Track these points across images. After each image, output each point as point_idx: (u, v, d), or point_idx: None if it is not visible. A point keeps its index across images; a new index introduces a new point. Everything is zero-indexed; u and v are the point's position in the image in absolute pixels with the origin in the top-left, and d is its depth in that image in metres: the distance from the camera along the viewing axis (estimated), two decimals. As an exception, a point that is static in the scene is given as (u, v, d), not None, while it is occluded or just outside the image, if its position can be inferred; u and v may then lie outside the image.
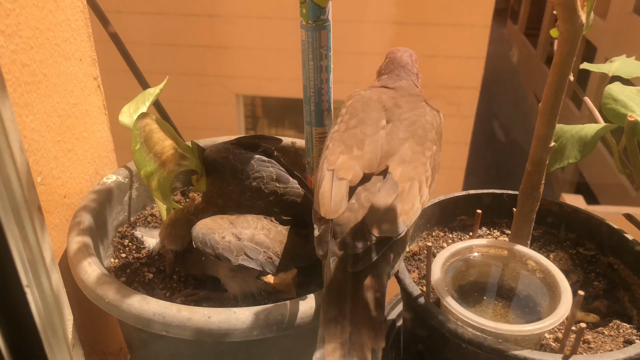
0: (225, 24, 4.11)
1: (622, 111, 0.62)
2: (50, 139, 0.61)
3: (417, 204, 0.54)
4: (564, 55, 0.53)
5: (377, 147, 0.58)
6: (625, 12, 7.07)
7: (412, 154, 0.57)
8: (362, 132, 0.59)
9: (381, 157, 0.57)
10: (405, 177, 0.55)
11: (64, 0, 0.63)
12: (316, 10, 0.61)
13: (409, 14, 3.99)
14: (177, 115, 3.75)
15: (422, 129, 0.60)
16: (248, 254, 0.56)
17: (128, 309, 0.51)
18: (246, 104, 4.92)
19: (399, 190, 0.54)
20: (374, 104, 0.63)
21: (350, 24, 3.99)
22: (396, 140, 0.58)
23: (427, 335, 0.61)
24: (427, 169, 0.57)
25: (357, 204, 0.54)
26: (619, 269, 0.68)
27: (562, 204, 0.74)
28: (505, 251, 0.63)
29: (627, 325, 0.62)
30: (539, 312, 0.60)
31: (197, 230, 0.57)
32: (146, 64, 3.51)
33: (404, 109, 0.62)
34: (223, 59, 4.28)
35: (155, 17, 4.10)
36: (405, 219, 0.53)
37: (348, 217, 0.53)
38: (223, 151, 0.62)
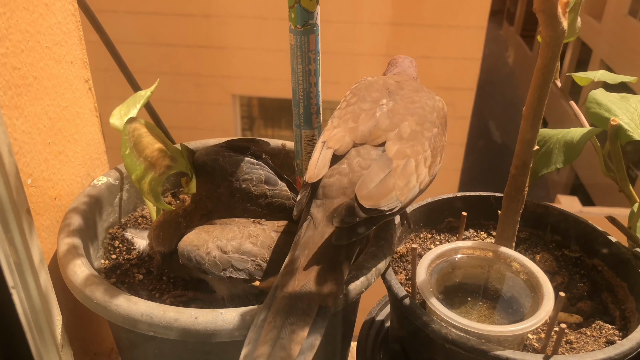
0: (221, 25, 4.12)
1: (605, 115, 0.63)
2: (41, 141, 0.62)
3: (414, 181, 0.55)
4: (546, 60, 0.54)
5: (373, 120, 0.59)
6: (620, 14, 7.10)
7: (410, 131, 0.58)
8: (359, 107, 0.61)
9: (379, 130, 0.58)
10: (400, 154, 0.56)
11: (54, 3, 0.63)
12: (304, 14, 0.62)
13: (405, 15, 4.00)
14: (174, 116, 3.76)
15: (422, 109, 0.61)
16: (235, 266, 0.56)
17: (116, 309, 0.52)
18: (242, 105, 4.92)
19: (392, 166, 0.54)
20: (378, 86, 0.64)
21: (347, 25, 4.00)
22: (396, 117, 0.59)
23: (412, 336, 0.62)
24: (425, 148, 0.57)
25: (348, 169, 0.55)
26: (603, 271, 0.69)
27: (548, 206, 0.75)
28: (490, 253, 0.64)
29: (609, 326, 0.63)
30: (522, 313, 0.61)
31: (182, 248, 0.57)
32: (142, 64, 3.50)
33: (406, 90, 0.63)
34: (219, 60, 4.28)
35: (151, 18, 4.10)
36: (399, 195, 0.53)
37: (337, 180, 0.54)
38: (213, 154, 0.63)
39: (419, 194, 0.56)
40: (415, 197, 0.55)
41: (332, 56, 4.15)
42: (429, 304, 0.57)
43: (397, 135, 0.57)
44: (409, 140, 0.57)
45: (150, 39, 4.16)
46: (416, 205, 0.75)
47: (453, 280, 0.65)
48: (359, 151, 0.56)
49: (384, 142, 0.56)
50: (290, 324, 0.46)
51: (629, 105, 0.64)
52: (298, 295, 0.48)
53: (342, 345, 0.68)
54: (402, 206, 0.53)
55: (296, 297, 0.47)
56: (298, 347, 0.45)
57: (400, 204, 0.53)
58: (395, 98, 0.61)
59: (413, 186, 0.54)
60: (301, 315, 0.46)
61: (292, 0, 0.62)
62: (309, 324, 0.46)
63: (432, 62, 4.07)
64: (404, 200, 0.53)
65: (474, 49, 4.14)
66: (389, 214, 0.52)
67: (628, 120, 0.62)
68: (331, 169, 0.55)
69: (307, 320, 0.46)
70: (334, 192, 0.53)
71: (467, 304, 0.64)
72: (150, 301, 0.53)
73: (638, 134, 0.61)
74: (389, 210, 0.52)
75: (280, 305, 0.47)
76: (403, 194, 0.53)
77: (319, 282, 0.48)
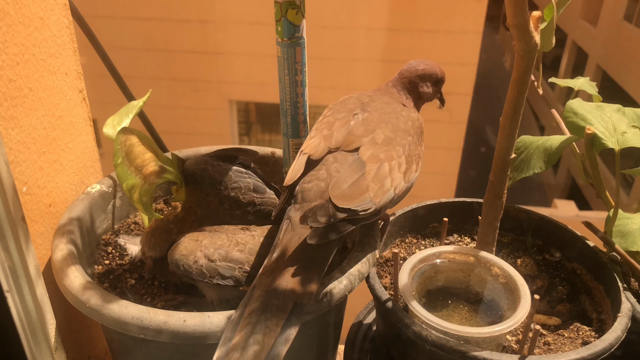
0: (218, 30, 4.15)
1: (581, 124, 0.66)
2: (36, 151, 0.64)
3: (388, 185, 0.57)
4: (521, 73, 0.56)
5: (347, 127, 0.61)
6: (615, 19, 7.15)
7: (384, 138, 0.60)
8: (334, 117, 0.63)
9: (353, 136, 0.60)
10: (374, 157, 0.58)
11: (49, 17, 0.65)
12: (291, 28, 0.64)
13: (401, 21, 4.03)
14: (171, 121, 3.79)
15: (396, 119, 0.63)
16: (222, 274, 0.58)
17: (108, 313, 0.54)
18: (240, 110, 4.94)
19: (365, 169, 0.57)
20: (352, 100, 0.67)
21: (343, 30, 4.03)
22: (370, 125, 0.61)
23: (395, 338, 0.64)
24: (399, 154, 0.59)
25: (326, 173, 0.57)
26: (582, 274, 0.72)
27: (529, 212, 0.77)
28: (471, 257, 0.66)
29: (586, 327, 0.65)
30: (501, 315, 0.63)
31: (172, 256, 0.60)
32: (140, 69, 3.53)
33: (378, 102, 0.65)
34: (216, 65, 4.31)
35: (149, 23, 4.13)
36: (372, 197, 0.55)
37: (315, 184, 0.56)
38: (202, 163, 0.65)
39: (396, 199, 0.58)
40: (391, 201, 0.57)
41: (329, 61, 4.18)
42: (410, 307, 0.59)
43: (371, 140, 0.59)
44: (383, 145, 0.59)
45: (147, 45, 4.19)
46: (401, 211, 0.77)
47: (435, 284, 0.68)
48: (336, 157, 0.58)
49: (358, 147, 0.59)
50: (264, 320, 0.48)
51: (604, 114, 0.66)
52: (273, 293, 0.50)
53: (329, 347, 0.70)
54: (376, 208, 0.55)
55: (272, 295, 0.50)
56: (271, 341, 0.47)
57: (374, 206, 0.55)
58: (368, 109, 0.64)
59: (387, 189, 0.56)
60: (276, 312, 0.48)
61: (279, 14, 0.64)
62: (283, 320, 0.48)
63: (428, 67, 4.09)
64: (378, 202, 0.55)
65: (470, 54, 4.17)
66: (362, 215, 0.54)
67: (603, 129, 0.64)
68: (310, 174, 0.58)
69: (282, 317, 0.48)
70: (312, 196, 0.56)
71: (448, 306, 0.66)
72: (140, 305, 0.55)
73: (612, 142, 0.63)
74: (362, 211, 0.54)
75: (256, 303, 0.49)
76: (377, 196, 0.55)
77: (294, 280, 0.51)
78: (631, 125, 0.65)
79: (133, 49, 4.16)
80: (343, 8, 3.94)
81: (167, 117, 4.35)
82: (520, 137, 0.76)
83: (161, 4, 4.05)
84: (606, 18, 7.40)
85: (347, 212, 0.53)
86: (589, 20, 7.87)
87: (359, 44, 4.10)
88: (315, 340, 0.66)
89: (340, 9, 3.94)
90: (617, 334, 0.57)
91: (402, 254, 0.76)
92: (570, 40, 8.61)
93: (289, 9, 0.63)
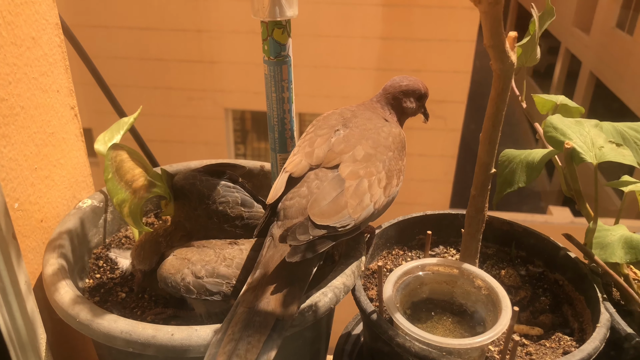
0: (213, 39, 4.17)
1: (560, 139, 0.67)
2: (28, 167, 0.65)
3: (367, 200, 0.58)
4: (499, 90, 0.58)
5: (328, 144, 0.63)
6: (608, 27, 7.21)
7: (364, 154, 0.61)
8: (316, 134, 0.65)
9: (333, 153, 0.62)
10: (353, 174, 0.59)
11: (41, 37, 0.67)
12: (277, 47, 0.66)
13: (396, 30, 4.07)
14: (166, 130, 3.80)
15: (377, 135, 0.64)
16: (209, 289, 0.60)
17: (97, 327, 0.55)
18: (235, 118, 4.96)
19: (345, 186, 0.58)
20: (335, 116, 0.68)
21: (338, 39, 4.06)
22: (351, 141, 0.63)
23: (380, 349, 0.65)
24: (379, 170, 0.61)
25: (307, 191, 0.59)
26: (564, 285, 0.73)
27: (513, 224, 0.79)
28: (455, 270, 0.68)
29: (567, 337, 0.67)
30: (484, 327, 0.64)
31: (160, 273, 0.61)
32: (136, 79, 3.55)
33: (360, 118, 0.67)
34: (212, 74, 4.33)
35: (144, 33, 4.15)
36: (352, 213, 0.57)
37: (297, 202, 0.58)
38: (190, 178, 0.67)
39: (376, 213, 0.60)
40: (372, 215, 0.59)
41: (324, 70, 4.21)
42: (393, 318, 0.60)
43: (351, 157, 0.61)
44: (363, 161, 0.60)
45: (143, 54, 4.21)
46: (387, 224, 0.78)
47: (420, 295, 0.69)
48: (317, 174, 0.60)
49: (338, 164, 0.60)
50: (247, 337, 0.49)
51: (583, 129, 0.68)
52: (256, 310, 0.51)
53: (317, 358, 0.71)
54: (355, 224, 0.57)
55: (254, 312, 0.51)
56: (254, 357, 0.48)
57: (353, 222, 0.56)
58: (350, 125, 0.65)
59: (367, 205, 0.58)
60: (258, 328, 0.50)
61: (265, 34, 0.66)
62: (265, 336, 0.50)
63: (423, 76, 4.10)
64: (357, 218, 0.56)
65: (464, 62, 4.20)
66: (341, 231, 0.56)
67: (581, 144, 0.66)
68: (292, 192, 0.59)
69: (264, 333, 0.50)
70: (293, 213, 0.57)
71: (433, 318, 0.67)
72: (129, 319, 0.56)
73: (590, 157, 0.65)
74: (341, 227, 0.55)
75: (239, 319, 0.51)
76: (356, 212, 0.57)
77: (275, 297, 0.52)
78: (608, 141, 0.67)
79: (129, 59, 4.18)
80: (338, 17, 3.98)
81: (163, 126, 4.36)
82: (504, 151, 0.78)
83: (157, 13, 4.08)
84: (599, 26, 7.47)
85: (325, 229, 0.54)
86: (582, 28, 7.93)
87: (353, 53, 4.13)
88: (303, 351, 0.67)
89: (335, 17, 3.97)
90: (596, 344, 0.59)
91: (388, 265, 0.77)
92: (563, 48, 8.68)
93: (275, 28, 0.65)
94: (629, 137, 0.71)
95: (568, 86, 8.56)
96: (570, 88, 8.36)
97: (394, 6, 4.03)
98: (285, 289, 0.53)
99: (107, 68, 4.02)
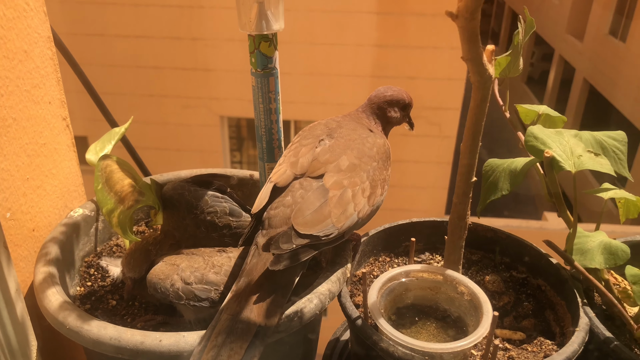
0: (208, 47, 4.20)
1: (541, 148, 0.69)
2: (20, 177, 0.67)
3: (351, 210, 0.59)
4: (478, 102, 0.60)
5: (312, 153, 0.64)
6: (601, 34, 7.28)
7: (349, 164, 0.63)
8: (301, 144, 0.66)
9: (318, 162, 0.63)
10: (337, 184, 0.61)
11: (33, 50, 0.68)
12: (264, 59, 0.68)
13: (390, 37, 4.10)
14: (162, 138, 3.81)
15: (362, 145, 0.65)
16: (198, 296, 0.61)
17: (87, 334, 0.56)
18: (231, 126, 4.98)
19: (328, 196, 0.60)
20: (320, 126, 0.70)
21: (333, 46, 4.09)
22: (336, 151, 0.64)
23: (366, 354, 0.67)
24: (363, 180, 0.62)
25: (292, 200, 0.60)
26: (546, 290, 0.75)
27: (497, 230, 0.80)
28: (439, 276, 0.69)
29: (549, 342, 0.68)
30: (466, 331, 0.66)
31: (149, 280, 0.62)
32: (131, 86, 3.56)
33: (345, 129, 0.68)
34: (207, 81, 4.35)
35: (140, 41, 4.17)
36: (335, 222, 0.58)
37: (281, 211, 0.59)
38: (179, 188, 0.68)
39: (361, 222, 0.61)
40: (356, 224, 0.60)
41: (319, 77, 4.23)
42: (377, 324, 0.62)
43: (336, 167, 0.62)
44: (347, 171, 0.62)
45: (138, 62, 4.23)
46: (374, 231, 0.80)
47: (405, 301, 0.70)
48: (302, 183, 0.61)
49: (323, 174, 0.61)
50: (230, 343, 0.51)
51: (562, 138, 0.70)
52: (239, 317, 0.53)
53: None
54: (339, 232, 0.58)
55: (237, 319, 0.53)
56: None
57: (337, 230, 0.58)
58: (335, 135, 0.66)
59: (350, 214, 0.59)
60: (240, 335, 0.51)
61: (252, 47, 0.67)
62: (247, 342, 0.51)
63: (417, 83, 4.16)
64: (341, 227, 0.58)
65: (458, 69, 4.22)
66: (325, 240, 0.57)
67: (560, 152, 0.68)
68: (276, 201, 0.61)
69: (246, 339, 0.51)
70: (278, 222, 0.59)
71: (417, 323, 0.69)
72: (118, 325, 0.57)
73: (569, 165, 0.67)
74: (324, 236, 0.57)
75: (222, 326, 0.52)
76: (340, 221, 0.58)
77: (259, 305, 0.54)
78: (587, 150, 0.68)
79: (125, 67, 4.20)
80: (333, 25, 4.01)
81: (159, 134, 4.38)
82: (488, 160, 0.79)
83: (152, 22, 4.10)
84: (592, 33, 7.54)
85: (309, 238, 0.56)
86: (576, 35, 8.00)
87: (348, 60, 4.16)
88: (291, 356, 0.68)
89: (330, 25, 4.00)
90: (574, 348, 0.60)
91: (375, 272, 0.78)
92: (557, 54, 8.75)
93: (261, 41, 0.67)
94: (608, 146, 0.73)
95: (562, 93, 8.62)
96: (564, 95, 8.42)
97: (388, 14, 4.06)
98: (268, 296, 0.54)
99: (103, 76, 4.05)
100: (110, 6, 4.02)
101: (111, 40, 4.10)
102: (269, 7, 0.65)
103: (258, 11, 0.65)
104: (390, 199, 3.25)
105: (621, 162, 0.74)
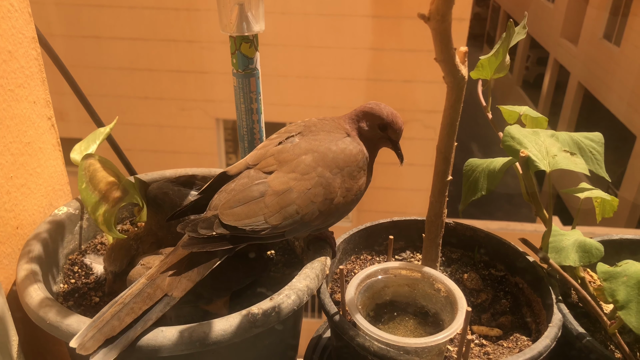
0: (204, 50, 4.21)
1: (517, 147, 0.70)
2: (3, 176, 0.68)
3: (291, 210, 0.59)
4: (452, 102, 0.61)
5: (272, 147, 0.64)
6: (595, 38, 7.32)
7: (304, 166, 0.62)
8: (270, 139, 0.67)
9: (275, 159, 0.63)
10: (283, 183, 0.61)
11: (17, 50, 0.70)
12: (245, 60, 0.69)
13: (386, 40, 4.11)
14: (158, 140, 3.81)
15: (327, 150, 0.63)
16: None
17: (67, 329, 0.57)
18: (226, 128, 4.99)
19: (267, 193, 0.60)
20: (300, 123, 0.69)
21: (328, 50, 4.11)
22: (296, 152, 0.63)
23: (344, 349, 0.68)
24: (315, 185, 0.61)
25: (233, 187, 0.61)
26: (523, 288, 0.76)
27: (476, 229, 0.82)
28: (416, 273, 0.70)
29: (525, 338, 0.69)
30: (442, 327, 0.67)
31: (129, 279, 0.64)
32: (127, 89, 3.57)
33: (321, 132, 0.66)
34: (203, 84, 4.36)
35: (135, 43, 4.19)
36: (269, 219, 0.59)
37: (224, 196, 0.61)
38: (163, 188, 0.69)
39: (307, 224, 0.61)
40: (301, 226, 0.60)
41: (314, 80, 4.25)
42: (354, 319, 0.63)
43: (290, 167, 0.61)
44: (299, 173, 0.61)
45: (134, 64, 4.24)
46: (356, 229, 0.81)
47: (384, 298, 0.72)
48: (249, 174, 0.62)
49: (273, 171, 0.62)
50: (133, 303, 0.55)
51: (539, 139, 0.71)
52: (149, 283, 0.56)
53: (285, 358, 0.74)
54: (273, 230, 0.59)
55: (147, 285, 0.56)
56: (130, 319, 0.54)
57: (269, 227, 0.58)
58: (306, 135, 0.65)
59: (291, 214, 0.59)
60: (145, 299, 0.55)
61: (233, 47, 0.69)
62: (149, 305, 0.55)
63: (412, 86, 4.18)
64: (276, 225, 0.58)
65: (453, 72, 4.22)
66: (252, 235, 0.58)
67: (536, 152, 0.69)
68: (224, 187, 0.62)
69: (148, 302, 0.55)
70: (213, 207, 0.60)
71: (395, 319, 0.70)
72: (98, 321, 0.58)
73: (544, 165, 0.68)
74: (251, 230, 0.58)
75: (133, 289, 0.56)
76: (275, 219, 0.59)
77: (172, 277, 0.57)
78: (562, 150, 0.70)
79: (120, 69, 4.21)
80: (328, 28, 4.03)
81: (155, 136, 4.39)
82: (469, 160, 0.81)
83: (148, 24, 4.12)
84: (586, 37, 7.58)
85: (232, 230, 0.57)
86: (570, 39, 8.05)
87: (344, 63, 4.18)
88: (271, 351, 0.69)
89: (326, 29, 4.02)
90: (547, 343, 0.62)
91: (356, 270, 0.80)
92: (552, 58, 8.79)
93: (242, 42, 0.68)
94: (585, 146, 0.75)
95: (557, 96, 8.66)
96: (559, 98, 8.46)
97: (384, 17, 4.08)
98: (184, 272, 0.57)
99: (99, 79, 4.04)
100: (106, 9, 4.03)
101: (107, 42, 4.12)
102: (249, 9, 0.66)
103: (239, 13, 0.67)
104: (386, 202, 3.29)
105: (598, 162, 0.75)
